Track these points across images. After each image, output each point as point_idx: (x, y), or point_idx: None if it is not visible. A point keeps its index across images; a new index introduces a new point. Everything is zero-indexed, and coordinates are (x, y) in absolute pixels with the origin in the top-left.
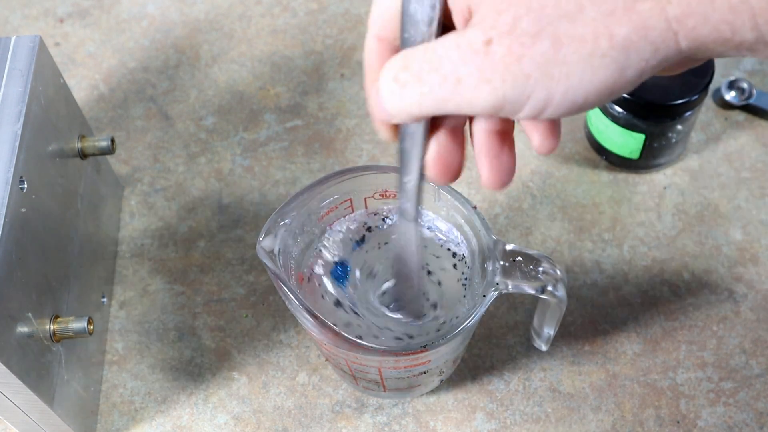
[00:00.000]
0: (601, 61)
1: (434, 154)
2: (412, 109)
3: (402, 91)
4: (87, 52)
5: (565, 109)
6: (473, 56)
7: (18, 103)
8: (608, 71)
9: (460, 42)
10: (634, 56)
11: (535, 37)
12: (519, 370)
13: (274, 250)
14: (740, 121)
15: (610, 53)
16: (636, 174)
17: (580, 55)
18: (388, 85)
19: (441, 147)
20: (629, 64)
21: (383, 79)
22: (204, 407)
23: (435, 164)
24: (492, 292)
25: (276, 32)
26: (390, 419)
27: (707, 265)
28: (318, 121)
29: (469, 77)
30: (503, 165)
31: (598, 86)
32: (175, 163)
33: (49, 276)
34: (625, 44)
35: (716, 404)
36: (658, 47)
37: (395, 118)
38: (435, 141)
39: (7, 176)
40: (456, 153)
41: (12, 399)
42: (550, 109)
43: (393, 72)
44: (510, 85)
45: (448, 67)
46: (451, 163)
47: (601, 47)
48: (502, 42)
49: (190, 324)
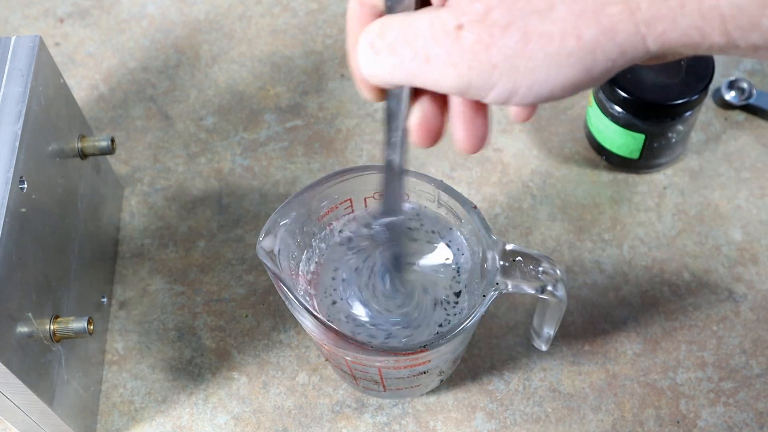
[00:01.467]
0: (567, 60)
1: (417, 120)
2: (384, 76)
3: (376, 57)
4: (87, 52)
5: (530, 100)
6: (444, 38)
7: (18, 103)
8: (574, 70)
9: (434, 21)
10: (600, 57)
11: (505, 29)
12: (519, 370)
13: (274, 250)
14: (740, 121)
15: (576, 53)
16: (636, 174)
17: (546, 52)
18: (363, 50)
19: (424, 112)
20: (596, 64)
21: (360, 43)
22: (204, 407)
23: (418, 129)
24: (492, 292)
25: (276, 32)
26: (390, 419)
27: (707, 265)
28: (318, 121)
29: (438, 59)
30: (477, 129)
31: (564, 83)
32: (175, 163)
33: (49, 276)
34: (593, 45)
35: (716, 404)
36: (626, 49)
37: (372, 80)
38: (418, 106)
39: (7, 176)
40: (438, 118)
41: (12, 399)
42: (516, 99)
43: (370, 37)
44: (476, 73)
45: (420, 43)
46: (433, 128)
47: (568, 46)
48: (473, 29)
49: (190, 324)
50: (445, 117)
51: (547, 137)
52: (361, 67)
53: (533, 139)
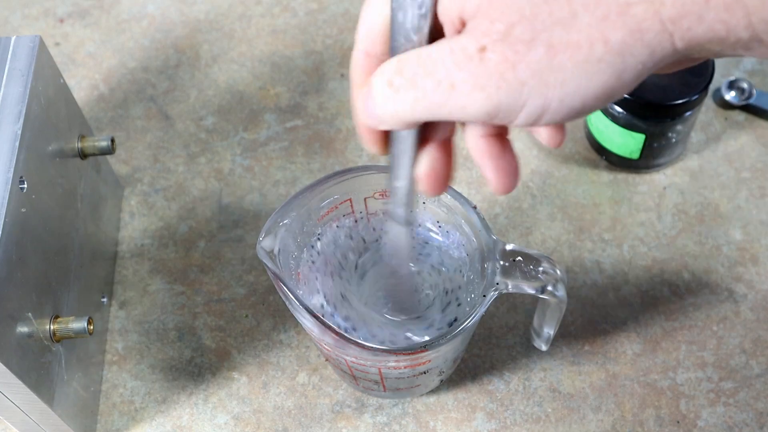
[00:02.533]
0: (598, 66)
1: (425, 169)
2: (405, 114)
3: (396, 95)
4: (87, 52)
5: (562, 115)
6: (467, 62)
7: (18, 103)
8: (605, 76)
9: (453, 47)
10: (630, 60)
11: (530, 44)
12: (519, 370)
13: (274, 250)
14: (740, 121)
15: (606, 58)
16: (636, 174)
17: (575, 61)
18: (381, 90)
19: (432, 161)
20: (626, 68)
21: (376, 83)
22: (204, 407)
23: (427, 178)
24: (492, 292)
25: (276, 32)
26: (390, 419)
27: (707, 265)
28: (318, 121)
29: (463, 83)
30: (508, 166)
31: (596, 91)
32: (175, 163)
33: (49, 276)
34: (621, 48)
35: (716, 404)
36: (654, 49)
37: (386, 123)
38: (426, 155)
39: (7, 176)
40: (446, 166)
41: (12, 399)
42: (548, 116)
43: (386, 76)
44: (504, 93)
45: (442, 72)
46: (441, 177)
47: (596, 53)
48: (496, 49)
49: (190, 324)
50: (452, 163)
51: None
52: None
53: (533, 139)
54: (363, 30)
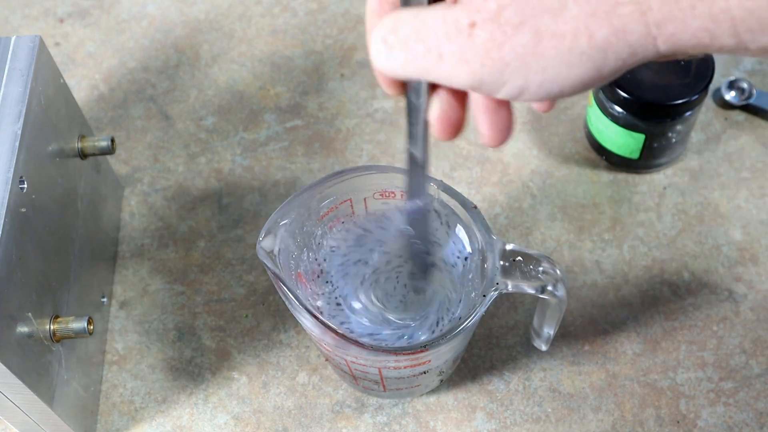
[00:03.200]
0: (579, 58)
1: (437, 112)
2: (397, 71)
3: (389, 52)
4: (87, 52)
5: (540, 97)
6: (457, 36)
7: (18, 103)
8: (585, 68)
9: (447, 18)
10: (611, 56)
11: (518, 27)
12: (519, 370)
13: (274, 250)
14: (740, 121)
15: (588, 52)
16: (636, 174)
17: (558, 50)
18: (376, 45)
19: (443, 105)
20: (606, 64)
21: (373, 38)
22: (204, 407)
23: (439, 122)
24: (492, 292)
25: (276, 32)
26: (390, 419)
27: (707, 265)
28: (318, 121)
29: (450, 56)
30: (501, 122)
31: (574, 81)
32: (175, 163)
33: (49, 276)
34: (604, 45)
35: (716, 404)
36: (636, 50)
37: (387, 74)
38: (437, 99)
39: (7, 176)
40: (457, 110)
41: (12, 399)
42: (526, 96)
43: (383, 32)
44: (488, 70)
45: (433, 40)
46: (453, 121)
47: (579, 45)
48: (485, 27)
49: (190, 324)
50: (465, 109)
51: (547, 137)
52: (374, 61)
53: (533, 139)
54: None
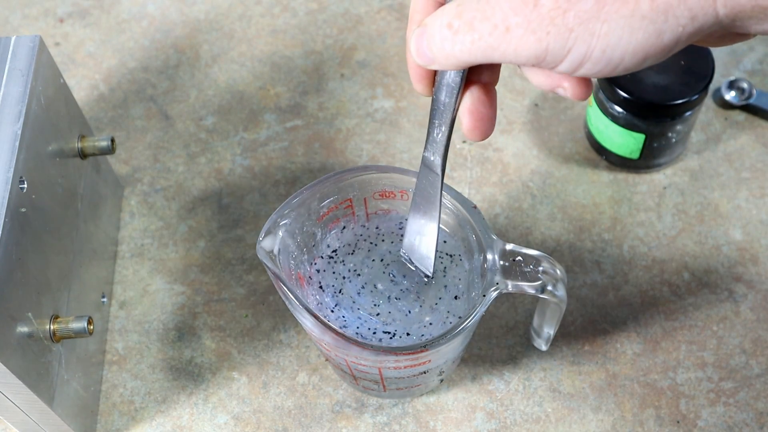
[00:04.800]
0: (641, 22)
1: (469, 106)
2: (462, 55)
3: (455, 37)
4: (87, 52)
5: (601, 67)
6: (523, 7)
7: (18, 103)
8: (646, 33)
9: None
10: (672, 20)
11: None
12: (519, 370)
13: (274, 250)
14: (740, 121)
15: (649, 15)
16: (636, 174)
17: (621, 14)
18: (440, 31)
19: (476, 100)
20: (667, 28)
21: (436, 24)
22: (204, 407)
23: (470, 116)
24: (492, 292)
25: (276, 32)
26: (390, 419)
27: (707, 265)
28: (318, 121)
29: (518, 27)
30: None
31: (636, 47)
32: (175, 163)
33: (49, 276)
34: (665, 8)
35: (716, 404)
36: (696, 14)
37: (440, 63)
38: (470, 94)
39: (7, 176)
40: (489, 107)
41: (12, 399)
42: (588, 65)
43: (447, 18)
44: (553, 37)
45: (499, 16)
46: (484, 117)
47: (641, 8)
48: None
49: (190, 324)
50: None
51: (547, 137)
52: (434, 48)
53: (533, 139)
54: None
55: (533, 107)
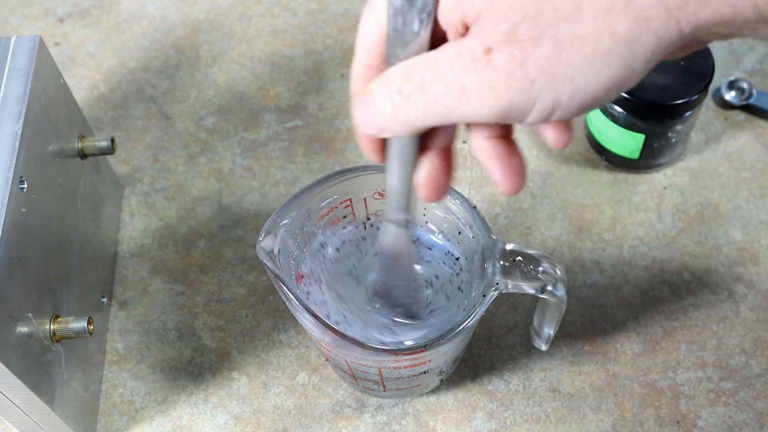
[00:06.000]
0: (606, 58)
1: (425, 176)
2: (417, 120)
3: (406, 102)
4: (87, 52)
5: (574, 110)
6: (475, 64)
7: (18, 103)
8: (614, 67)
9: (459, 50)
10: (638, 49)
11: (536, 41)
12: (519, 370)
13: (274, 250)
14: (740, 121)
15: (614, 50)
16: (636, 174)
17: (583, 55)
18: (389, 100)
19: (432, 167)
20: (635, 57)
21: (384, 92)
22: (204, 407)
23: (426, 186)
24: (492, 292)
25: (276, 32)
26: (390, 419)
27: (707, 265)
28: (318, 121)
29: (473, 85)
30: (516, 166)
31: (606, 83)
32: (175, 163)
33: (49, 276)
34: (628, 38)
35: (716, 404)
36: (662, 36)
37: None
38: (426, 162)
39: (7, 176)
40: (445, 173)
41: (12, 399)
42: (559, 112)
43: (396, 84)
44: (515, 92)
45: (451, 76)
46: (441, 183)
47: (604, 44)
48: (503, 49)
49: (190, 324)
50: (451, 171)
51: None
52: (385, 116)
53: (533, 139)
54: (362, 40)
55: None
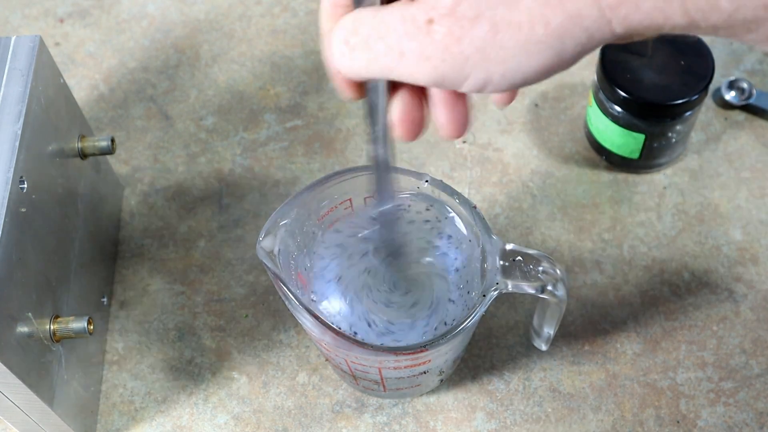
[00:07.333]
0: (537, 47)
1: (398, 114)
2: (361, 71)
3: (351, 53)
4: (87, 52)
5: (504, 87)
6: (416, 33)
7: (18, 103)
8: (544, 56)
9: (405, 16)
10: (569, 42)
11: (474, 20)
12: (519, 370)
13: (274, 250)
14: (740, 121)
15: (545, 40)
16: (636, 174)
17: (516, 41)
18: (338, 47)
19: (404, 105)
20: (565, 49)
21: (335, 40)
22: (204, 407)
23: (401, 123)
24: (492, 292)
25: (276, 32)
26: (390, 419)
27: (707, 265)
28: (318, 121)
29: (411, 53)
30: (459, 115)
31: (536, 68)
32: (175, 163)
33: (49, 276)
34: (560, 31)
35: (716, 404)
36: (593, 34)
37: (347, 75)
38: (397, 100)
39: (7, 176)
40: (418, 109)
41: (12, 399)
42: (490, 87)
43: (343, 34)
44: (449, 65)
45: (393, 39)
46: (414, 120)
47: (536, 34)
48: (443, 23)
49: (190, 324)
50: (425, 108)
51: (547, 137)
52: (336, 63)
53: (533, 139)
54: None
55: (533, 107)
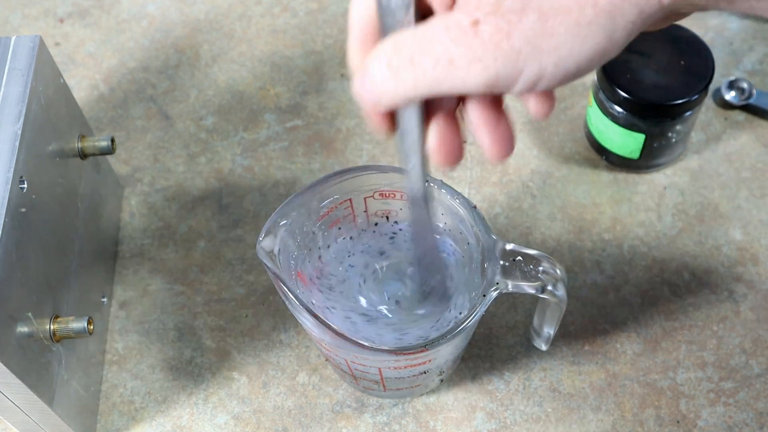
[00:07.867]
0: (589, 29)
1: (435, 141)
2: (407, 92)
3: (396, 75)
4: (87, 52)
5: (559, 79)
6: (463, 37)
7: (18, 103)
8: (597, 38)
9: (448, 24)
10: (620, 20)
11: (521, 13)
12: (519, 370)
13: (274, 250)
14: (740, 121)
15: (596, 20)
16: (636, 174)
17: (567, 25)
18: (380, 73)
19: (440, 132)
20: (616, 28)
21: (374, 67)
22: (204, 407)
23: (438, 150)
24: (492, 292)
25: (276, 32)
26: (390, 419)
27: (707, 265)
28: (318, 121)
29: (461, 58)
30: (504, 134)
31: (589, 53)
32: (175, 163)
33: (49, 276)
34: (610, 9)
35: (716, 404)
36: (642, 8)
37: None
38: (434, 128)
39: (7, 176)
40: (455, 136)
41: (12, 399)
42: (544, 81)
43: (385, 58)
44: (501, 63)
45: (439, 49)
46: (453, 147)
47: (586, 15)
48: (489, 21)
49: (190, 324)
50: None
51: (547, 137)
52: (378, 90)
53: (533, 139)
54: (354, 17)
55: None
